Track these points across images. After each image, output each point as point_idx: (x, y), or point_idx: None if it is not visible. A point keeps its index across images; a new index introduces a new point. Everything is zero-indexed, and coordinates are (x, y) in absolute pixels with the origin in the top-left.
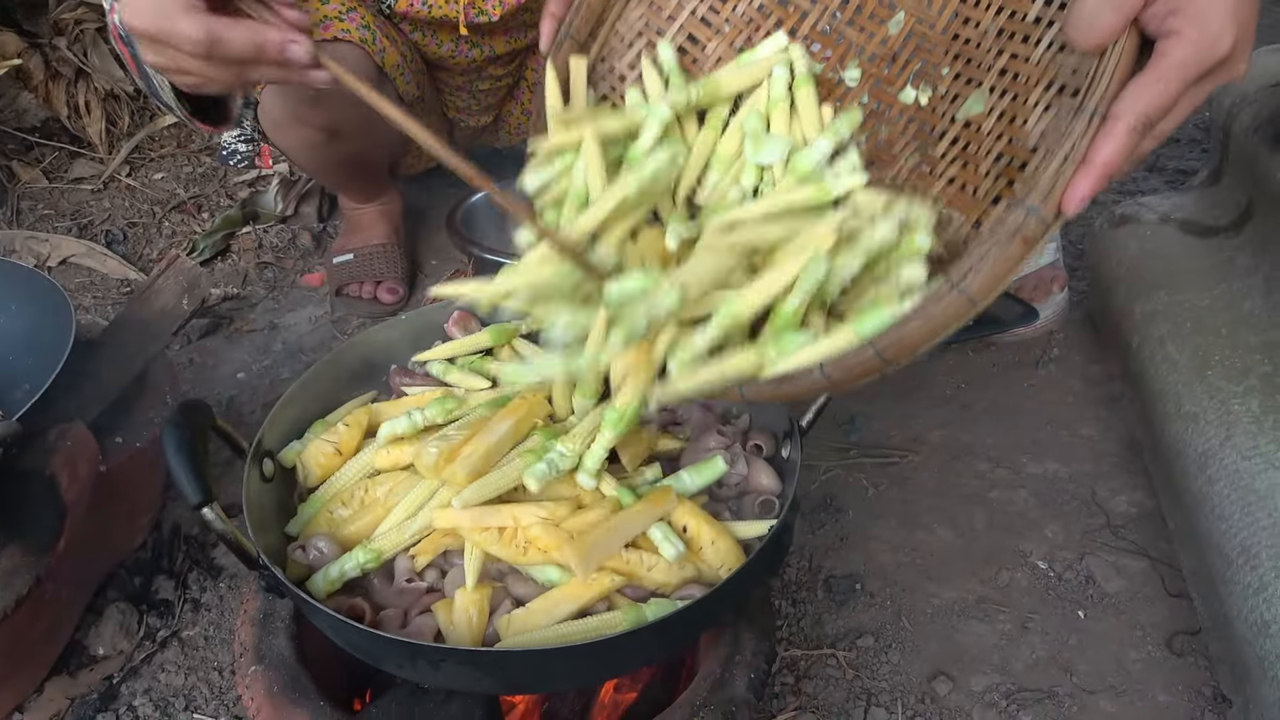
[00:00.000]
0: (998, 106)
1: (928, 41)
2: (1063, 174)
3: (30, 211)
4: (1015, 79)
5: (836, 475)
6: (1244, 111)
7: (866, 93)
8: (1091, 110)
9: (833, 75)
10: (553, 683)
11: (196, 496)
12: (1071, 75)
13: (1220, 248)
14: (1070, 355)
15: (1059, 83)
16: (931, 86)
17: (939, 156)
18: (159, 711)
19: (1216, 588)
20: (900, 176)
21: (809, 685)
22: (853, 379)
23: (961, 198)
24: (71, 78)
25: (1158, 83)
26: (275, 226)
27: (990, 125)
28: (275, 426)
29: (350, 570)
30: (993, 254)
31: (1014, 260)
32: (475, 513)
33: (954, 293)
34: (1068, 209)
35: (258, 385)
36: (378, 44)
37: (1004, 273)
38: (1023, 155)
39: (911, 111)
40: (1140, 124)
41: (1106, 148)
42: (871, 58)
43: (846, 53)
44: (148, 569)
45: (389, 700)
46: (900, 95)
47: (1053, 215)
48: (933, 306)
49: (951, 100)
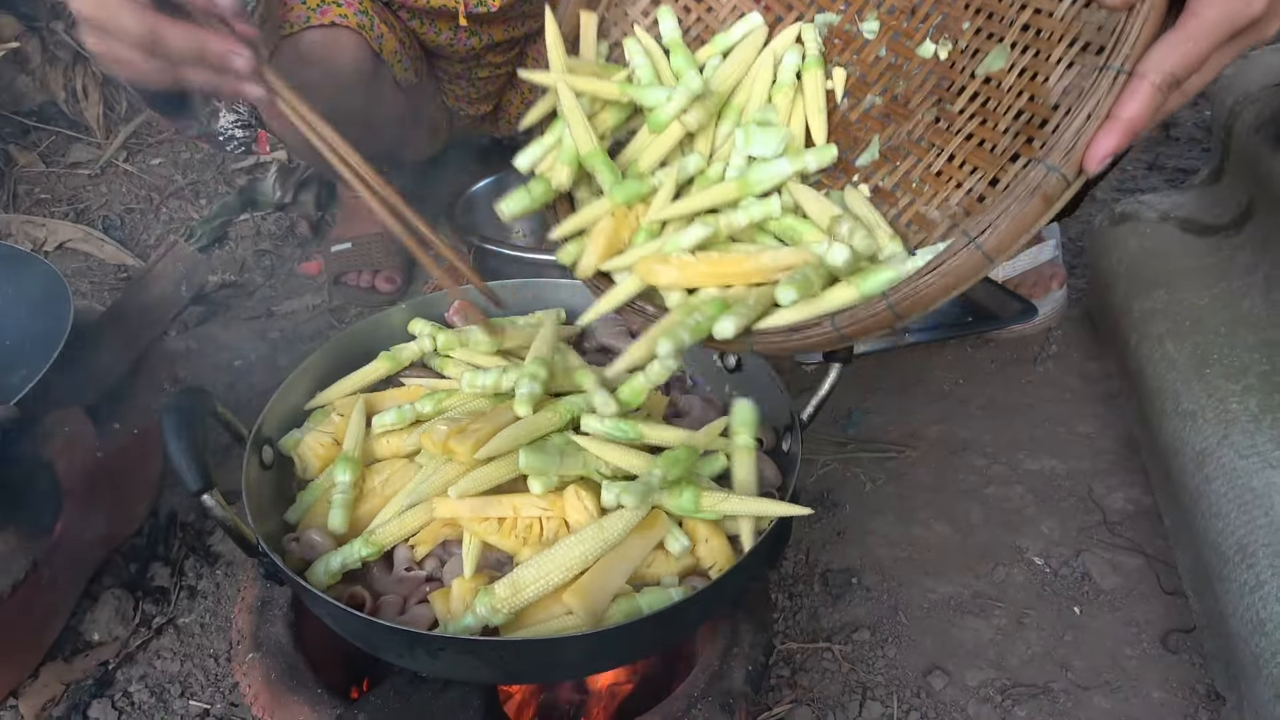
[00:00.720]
0: (1019, 62)
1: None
2: (1084, 132)
3: (27, 196)
4: (1038, 35)
5: (834, 470)
6: (1246, 110)
7: (884, 45)
8: (1117, 68)
9: (850, 28)
10: (550, 673)
11: (197, 483)
12: (1096, 32)
13: (1220, 246)
14: (1069, 352)
15: (1083, 39)
16: (951, 41)
17: (957, 112)
18: (154, 698)
19: (1212, 585)
20: (916, 132)
21: (805, 678)
22: (864, 331)
23: (979, 154)
24: (69, 61)
25: (1187, 41)
26: (273, 214)
27: (1011, 81)
28: (274, 414)
29: (351, 562)
30: (1011, 211)
31: (1032, 218)
32: (475, 502)
33: (970, 248)
34: (1089, 166)
35: (254, 373)
36: (375, 30)
37: (1021, 230)
38: (1044, 113)
39: (930, 66)
40: (1166, 82)
41: (1132, 105)
42: (891, 10)
43: (865, 4)
44: (144, 555)
45: (387, 688)
46: (919, 50)
47: (1074, 173)
48: (949, 261)
49: (972, 55)
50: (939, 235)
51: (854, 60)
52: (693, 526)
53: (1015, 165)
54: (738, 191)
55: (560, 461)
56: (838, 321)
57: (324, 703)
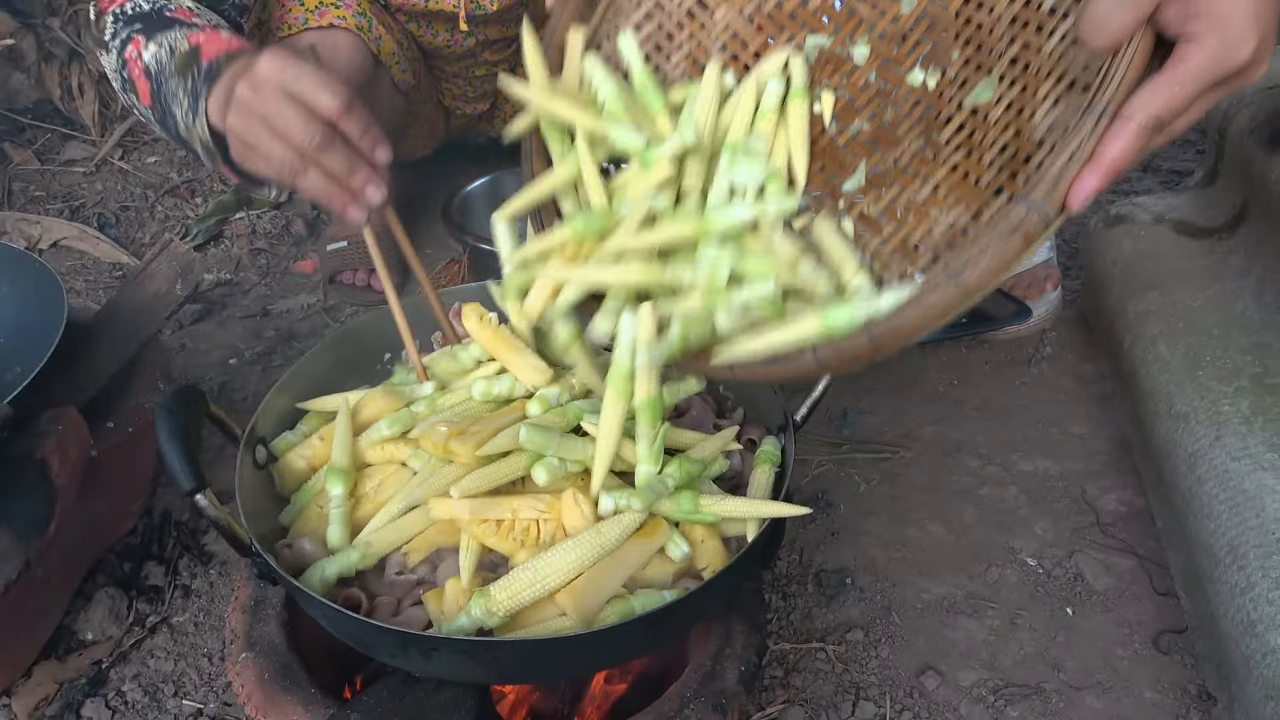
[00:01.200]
0: (1006, 96)
1: (940, 23)
2: (1068, 171)
3: (22, 193)
4: (1026, 69)
5: (828, 470)
6: (1240, 113)
7: (874, 71)
8: (1101, 109)
9: (841, 51)
10: (543, 673)
11: (190, 483)
12: (1082, 71)
13: (1214, 249)
14: (1062, 354)
15: (1069, 77)
16: (940, 70)
17: (943, 142)
18: (148, 697)
19: (1204, 586)
20: (903, 160)
21: (798, 679)
22: (844, 363)
23: (964, 186)
24: (64, 59)
25: (1173, 85)
26: (269, 212)
27: (997, 115)
28: (268, 413)
29: (345, 571)
30: (991, 248)
31: (1012, 255)
32: (475, 504)
33: (950, 284)
34: (1073, 205)
35: (249, 372)
36: (373, 31)
37: (1001, 267)
38: (1028, 148)
39: (918, 94)
40: (1151, 125)
41: (1115, 146)
42: (882, 35)
43: (857, 28)
44: (138, 554)
45: (380, 688)
46: (908, 77)
47: (1056, 211)
48: (928, 296)
49: (960, 85)
50: (922, 265)
51: (843, 84)
52: (689, 528)
53: (999, 199)
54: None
55: (559, 442)
56: (819, 353)
57: (317, 703)
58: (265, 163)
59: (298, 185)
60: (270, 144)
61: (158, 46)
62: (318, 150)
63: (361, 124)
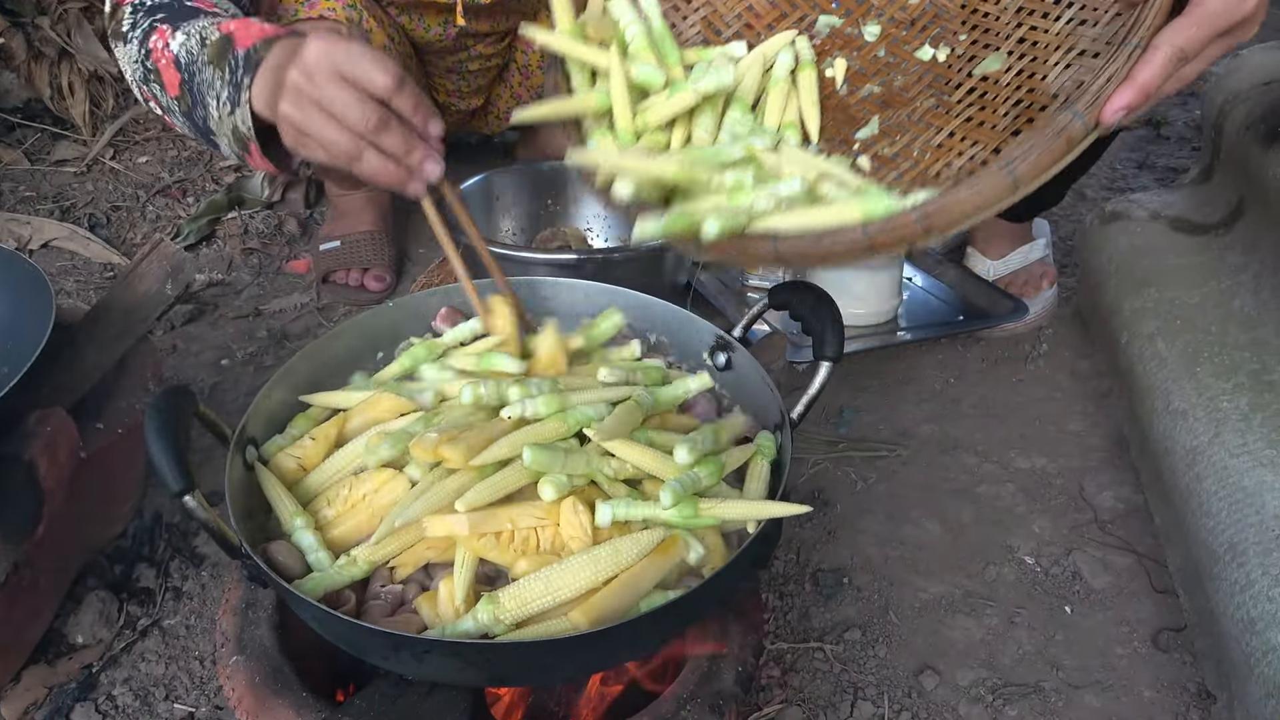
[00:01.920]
0: (1015, 66)
1: (946, 13)
2: (1106, 89)
3: (11, 194)
4: (1034, 46)
5: (825, 469)
6: (1236, 109)
7: (884, 47)
8: (1134, 44)
9: (852, 30)
10: (539, 675)
11: (178, 484)
12: (1092, 43)
13: (1210, 245)
14: (1059, 351)
15: (1079, 49)
16: (949, 48)
17: (955, 102)
18: (139, 701)
19: (1203, 584)
20: (916, 114)
21: (796, 679)
22: (892, 241)
23: (980, 131)
24: (55, 58)
25: (1193, 26)
26: (261, 212)
27: (1008, 79)
28: (259, 414)
29: (338, 584)
30: (1040, 145)
31: (1057, 155)
32: (474, 518)
33: (1002, 173)
34: (1106, 118)
35: (241, 372)
36: (364, 24)
37: (1049, 163)
38: (1043, 100)
39: (928, 66)
40: (1176, 56)
41: (1147, 71)
42: (891, 20)
43: (867, 13)
44: (128, 557)
45: (372, 691)
46: (918, 53)
47: (1094, 123)
48: (982, 181)
49: (968, 60)
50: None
51: (854, 56)
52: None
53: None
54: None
55: (565, 460)
56: (869, 229)
57: (309, 706)
58: (322, 149)
59: (355, 168)
60: (326, 129)
61: (186, 36)
62: (374, 132)
63: (414, 99)
